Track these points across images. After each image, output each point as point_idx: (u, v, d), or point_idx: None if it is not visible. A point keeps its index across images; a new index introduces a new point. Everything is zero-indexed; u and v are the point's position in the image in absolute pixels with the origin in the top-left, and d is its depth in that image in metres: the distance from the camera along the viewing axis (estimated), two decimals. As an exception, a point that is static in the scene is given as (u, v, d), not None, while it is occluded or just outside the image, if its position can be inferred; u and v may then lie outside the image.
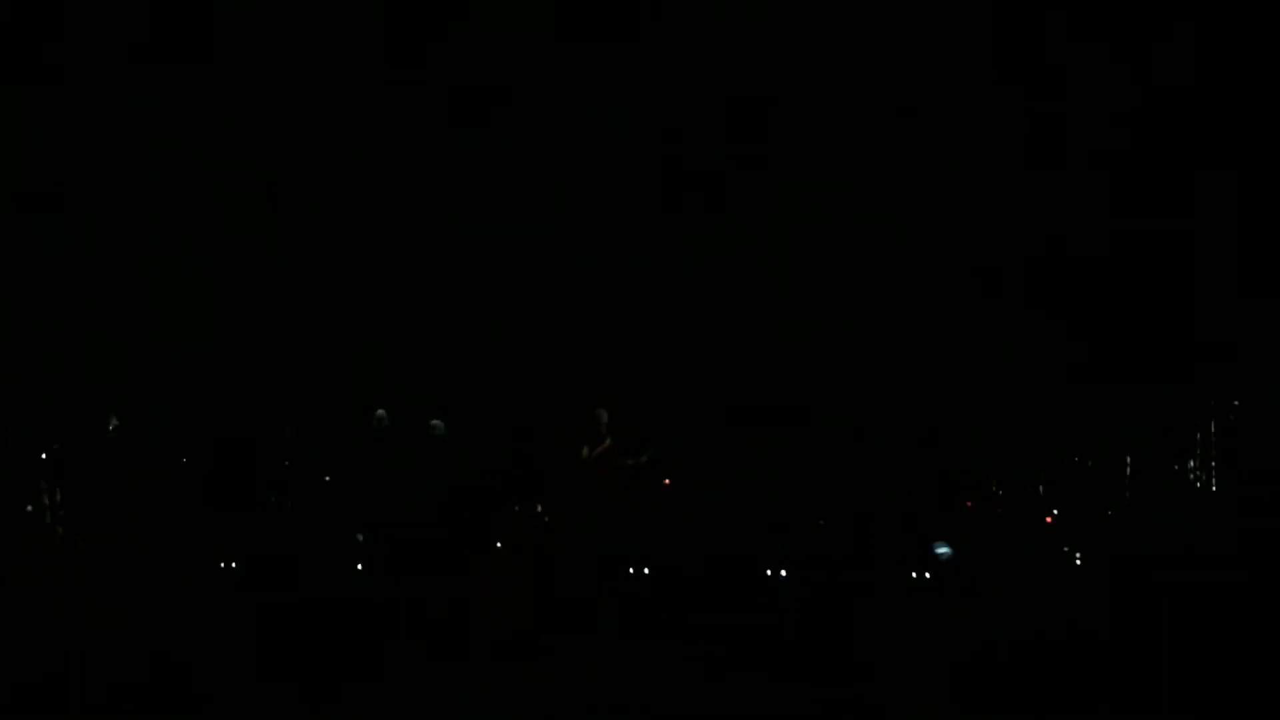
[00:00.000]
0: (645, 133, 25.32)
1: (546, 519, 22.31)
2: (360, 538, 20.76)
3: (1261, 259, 23.00)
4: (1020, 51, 24.25)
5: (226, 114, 25.64)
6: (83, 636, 16.90)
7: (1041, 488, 22.03)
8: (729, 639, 16.90)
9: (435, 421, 21.48)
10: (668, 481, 21.63)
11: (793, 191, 25.37)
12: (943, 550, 19.99)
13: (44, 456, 22.24)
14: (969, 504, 21.41)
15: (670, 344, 25.53)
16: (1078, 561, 20.34)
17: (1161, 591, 18.24)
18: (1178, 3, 23.52)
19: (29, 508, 21.97)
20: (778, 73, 24.70)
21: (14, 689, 14.73)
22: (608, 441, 20.63)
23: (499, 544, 21.40)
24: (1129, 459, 21.96)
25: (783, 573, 19.84)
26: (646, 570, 20.12)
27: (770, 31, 25.15)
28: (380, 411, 21.95)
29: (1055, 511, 21.55)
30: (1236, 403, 21.88)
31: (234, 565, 20.41)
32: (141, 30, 25.02)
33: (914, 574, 19.68)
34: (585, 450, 20.68)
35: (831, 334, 24.60)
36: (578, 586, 19.75)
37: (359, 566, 20.47)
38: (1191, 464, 22.02)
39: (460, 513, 20.92)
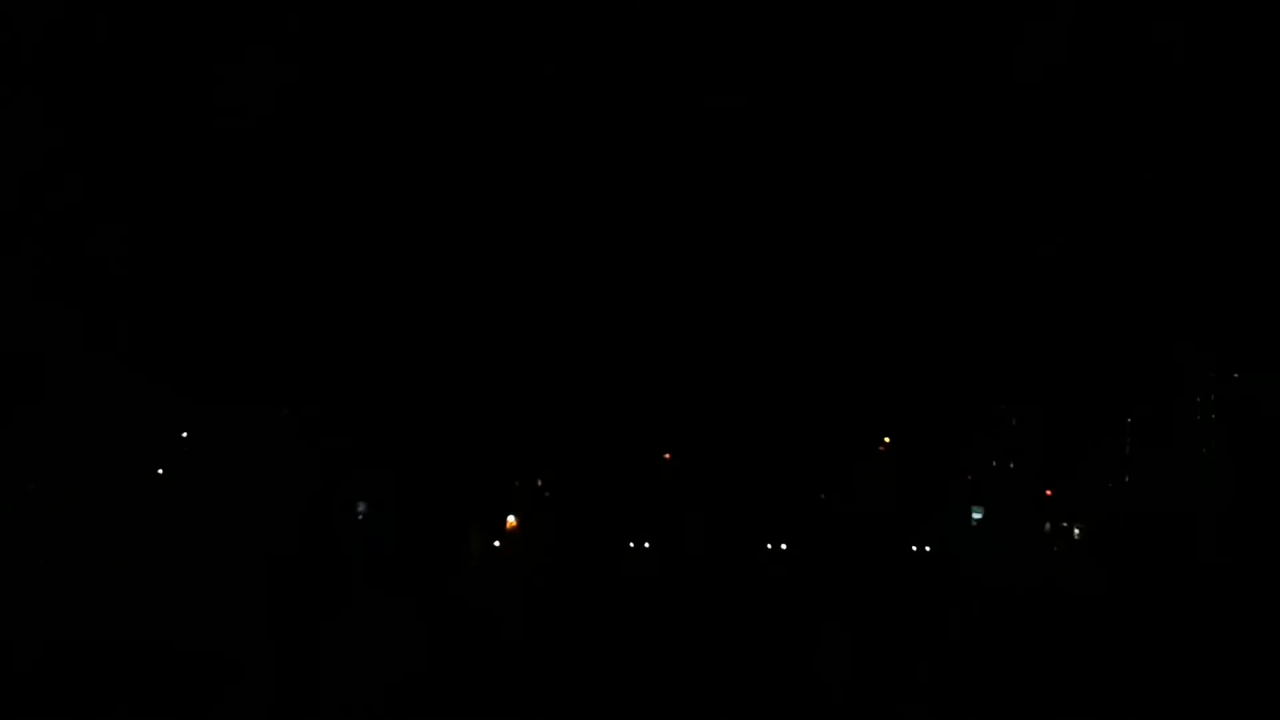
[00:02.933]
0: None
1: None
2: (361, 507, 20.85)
3: None
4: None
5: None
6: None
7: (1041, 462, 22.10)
8: (728, 617, 16.95)
9: None
10: (668, 456, 21.64)
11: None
12: (977, 515, 20.16)
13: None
14: (969, 477, 21.46)
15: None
16: (1075, 534, 20.40)
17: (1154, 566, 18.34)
18: None
19: None
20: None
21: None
22: None
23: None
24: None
25: (783, 545, 19.88)
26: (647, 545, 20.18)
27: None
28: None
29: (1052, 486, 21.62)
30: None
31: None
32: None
33: (915, 547, 19.76)
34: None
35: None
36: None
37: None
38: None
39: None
